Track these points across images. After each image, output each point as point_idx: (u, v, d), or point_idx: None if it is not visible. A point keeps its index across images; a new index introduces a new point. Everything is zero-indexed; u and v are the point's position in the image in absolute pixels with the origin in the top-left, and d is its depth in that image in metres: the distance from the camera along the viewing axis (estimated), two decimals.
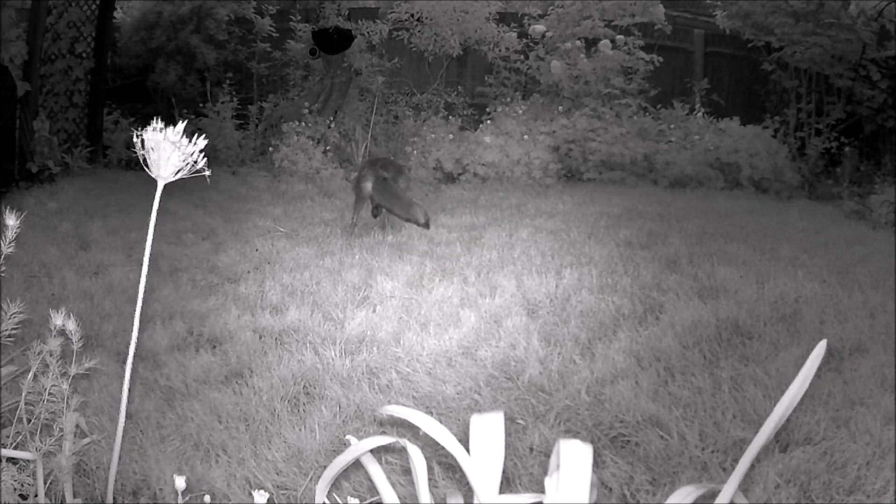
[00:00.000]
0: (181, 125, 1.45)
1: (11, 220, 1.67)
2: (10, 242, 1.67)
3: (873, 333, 3.27)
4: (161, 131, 1.43)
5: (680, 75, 9.38)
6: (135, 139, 1.44)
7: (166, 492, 2.05)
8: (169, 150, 1.43)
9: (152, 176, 1.48)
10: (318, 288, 3.86)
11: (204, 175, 1.47)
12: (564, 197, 6.62)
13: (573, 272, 4.11)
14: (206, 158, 1.47)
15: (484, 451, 1.21)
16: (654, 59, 8.75)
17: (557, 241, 4.92)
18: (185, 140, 1.45)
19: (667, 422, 2.46)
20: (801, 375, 1.19)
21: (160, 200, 1.51)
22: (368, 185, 5.04)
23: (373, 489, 1.99)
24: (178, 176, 1.47)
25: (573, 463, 1.12)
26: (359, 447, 1.37)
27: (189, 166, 1.47)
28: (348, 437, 1.62)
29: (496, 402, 2.67)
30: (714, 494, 1.22)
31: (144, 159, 1.46)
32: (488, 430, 1.23)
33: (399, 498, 2.08)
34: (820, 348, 1.22)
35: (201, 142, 1.46)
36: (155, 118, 1.46)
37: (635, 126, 8.11)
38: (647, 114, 8.53)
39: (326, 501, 1.41)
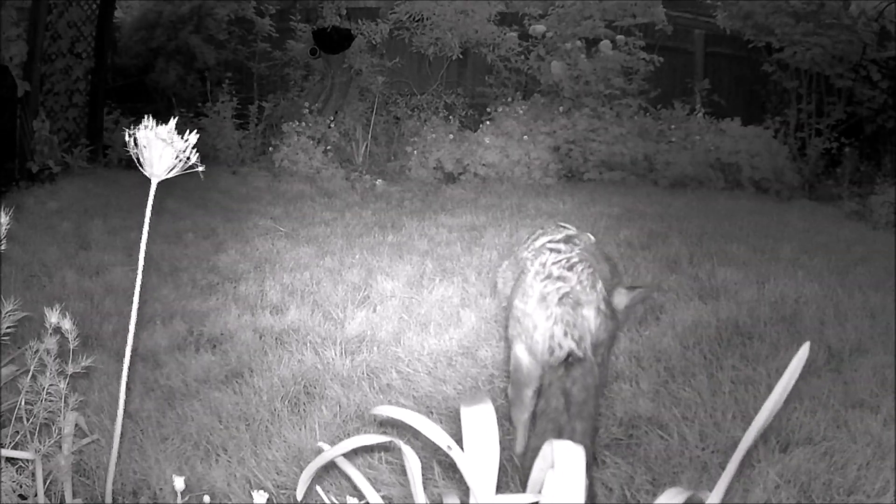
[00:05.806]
0: (173, 122, 1.45)
1: (3, 218, 1.66)
2: (1, 240, 1.66)
3: (873, 334, 3.27)
4: (153, 129, 1.42)
5: (680, 76, 9.36)
6: (127, 138, 1.43)
7: (166, 492, 2.05)
8: (161, 148, 1.42)
9: (146, 174, 1.48)
10: (319, 288, 3.86)
11: (198, 172, 1.46)
12: (565, 197, 6.61)
13: None
14: (198, 154, 1.47)
15: (478, 448, 1.21)
16: (654, 59, 8.73)
17: None
18: (176, 136, 1.44)
19: (667, 422, 2.46)
20: (785, 378, 1.20)
21: (160, 200, 1.51)
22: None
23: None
24: (173, 173, 1.47)
25: (567, 464, 1.12)
26: (337, 449, 1.37)
27: (182, 163, 1.46)
28: (320, 443, 1.62)
29: (496, 402, 2.67)
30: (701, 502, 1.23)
31: (138, 158, 1.45)
32: (480, 423, 1.22)
33: (398, 498, 2.09)
34: (803, 351, 1.23)
35: (192, 137, 1.45)
36: (147, 116, 1.45)
37: (636, 126, 8.10)
38: (647, 114, 8.51)
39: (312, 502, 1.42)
